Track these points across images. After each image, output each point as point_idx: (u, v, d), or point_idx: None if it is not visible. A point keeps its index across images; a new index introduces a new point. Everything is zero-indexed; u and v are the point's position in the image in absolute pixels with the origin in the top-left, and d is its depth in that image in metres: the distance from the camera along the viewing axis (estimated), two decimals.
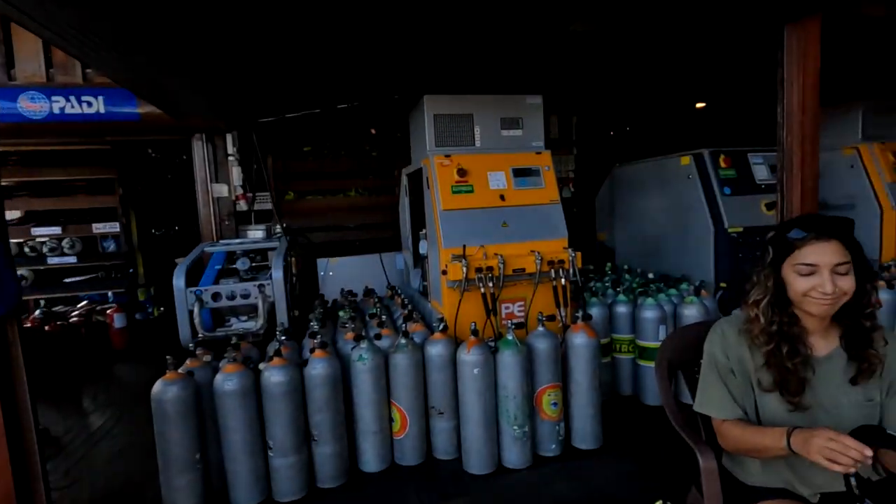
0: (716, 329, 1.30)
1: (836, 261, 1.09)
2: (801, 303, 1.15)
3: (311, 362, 2.27)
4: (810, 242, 1.11)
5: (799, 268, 1.12)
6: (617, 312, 3.07)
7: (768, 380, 1.19)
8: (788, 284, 1.16)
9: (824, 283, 1.09)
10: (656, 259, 3.73)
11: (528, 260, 2.65)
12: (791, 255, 1.14)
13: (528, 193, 2.82)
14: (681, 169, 3.46)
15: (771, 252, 1.18)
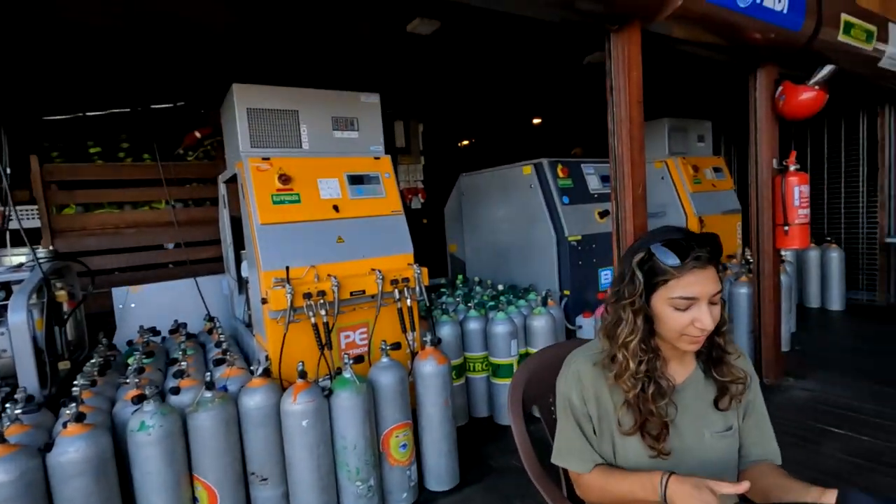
0: (569, 366, 1.08)
1: (715, 290, 0.93)
2: (674, 340, 0.97)
3: (59, 444, 1.60)
4: (690, 271, 0.91)
5: (676, 301, 0.93)
6: (469, 329, 2.88)
7: (629, 422, 1.01)
8: (660, 320, 0.96)
9: (703, 318, 0.92)
10: (505, 269, 3.68)
11: (368, 280, 2.30)
12: (665, 286, 0.94)
13: (367, 203, 2.48)
14: (523, 178, 3.45)
15: (640, 281, 0.96)
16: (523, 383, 1.39)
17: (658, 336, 1.00)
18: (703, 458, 1.01)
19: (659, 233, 0.99)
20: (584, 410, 1.04)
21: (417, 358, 2.23)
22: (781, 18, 2.59)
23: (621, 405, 1.01)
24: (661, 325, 0.97)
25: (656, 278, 0.94)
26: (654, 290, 0.95)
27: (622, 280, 1.00)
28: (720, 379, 1.02)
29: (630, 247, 1.04)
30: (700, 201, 4.17)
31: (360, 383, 1.95)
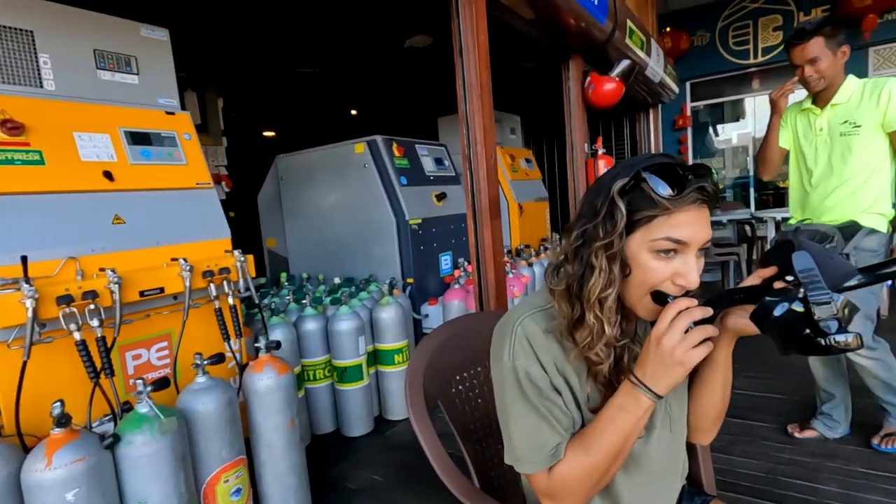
0: (510, 333, 0.78)
1: (708, 237, 0.72)
2: (637, 300, 0.74)
3: None
4: (687, 207, 0.69)
5: (661, 244, 0.70)
6: (306, 331, 2.40)
7: (597, 398, 0.78)
8: (637, 268, 0.72)
9: (688, 272, 0.70)
10: (338, 261, 3.26)
11: (167, 274, 1.66)
12: (648, 225, 0.70)
13: (159, 172, 1.81)
14: (355, 157, 3.10)
15: (623, 214, 0.70)
16: (422, 374, 1.07)
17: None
18: (672, 417, 0.85)
19: (646, 157, 0.74)
20: (547, 383, 0.76)
21: (249, 370, 1.70)
22: (592, 9, 2.81)
23: (586, 377, 0.77)
24: (633, 277, 0.73)
25: (639, 214, 0.70)
26: (632, 230, 0.71)
27: (593, 215, 0.73)
28: None
29: (604, 174, 0.77)
30: (518, 189, 4.41)
31: (167, 417, 1.35)
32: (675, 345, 0.66)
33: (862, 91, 1.88)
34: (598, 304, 0.72)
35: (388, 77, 5.14)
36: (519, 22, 2.63)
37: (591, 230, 0.73)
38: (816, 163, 1.99)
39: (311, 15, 3.30)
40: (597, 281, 0.72)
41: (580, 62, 3.27)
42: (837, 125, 1.92)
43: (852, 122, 1.88)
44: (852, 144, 1.88)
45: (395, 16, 3.42)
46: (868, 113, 1.85)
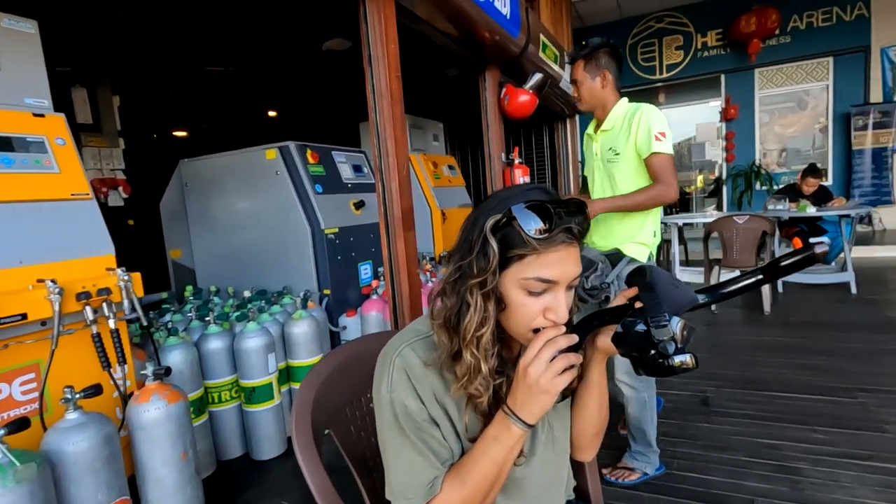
0: (390, 363, 0.76)
1: (577, 272, 0.73)
2: (520, 334, 0.75)
3: None
4: (555, 247, 0.69)
5: (531, 284, 0.70)
6: (209, 350, 2.24)
7: (477, 427, 0.77)
8: (510, 305, 0.72)
9: (557, 306, 0.71)
10: (250, 273, 3.09)
11: (32, 297, 1.47)
12: (521, 263, 0.70)
13: (23, 181, 1.61)
14: (266, 164, 2.95)
15: (494, 252, 0.70)
16: (311, 404, 1.01)
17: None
18: (554, 437, 0.86)
19: (520, 190, 0.74)
20: (425, 415, 0.75)
21: (133, 401, 1.54)
22: (505, 23, 2.88)
23: (465, 407, 0.76)
24: (508, 313, 0.74)
25: (511, 251, 0.70)
26: (506, 266, 0.71)
27: (468, 251, 0.73)
28: None
29: (481, 206, 0.76)
30: (441, 195, 4.43)
31: (23, 464, 1.18)
32: (541, 374, 0.67)
33: (623, 117, 1.85)
34: (474, 341, 0.72)
35: (307, 79, 4.97)
36: (435, 34, 2.63)
37: (467, 266, 0.72)
38: (594, 188, 1.99)
39: (219, 11, 3.11)
40: (472, 318, 0.71)
41: (496, 73, 3.34)
42: (605, 152, 1.91)
43: (614, 149, 1.86)
44: (615, 172, 1.86)
45: (309, 17, 3.31)
46: (624, 140, 1.82)
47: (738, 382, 2.78)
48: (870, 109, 7.03)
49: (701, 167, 9.90)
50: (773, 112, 7.82)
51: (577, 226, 0.70)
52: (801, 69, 7.46)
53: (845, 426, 2.23)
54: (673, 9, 7.86)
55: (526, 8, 3.22)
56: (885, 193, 7.11)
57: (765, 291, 4.09)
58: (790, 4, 7.15)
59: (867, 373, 2.77)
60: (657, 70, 8.15)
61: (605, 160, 1.91)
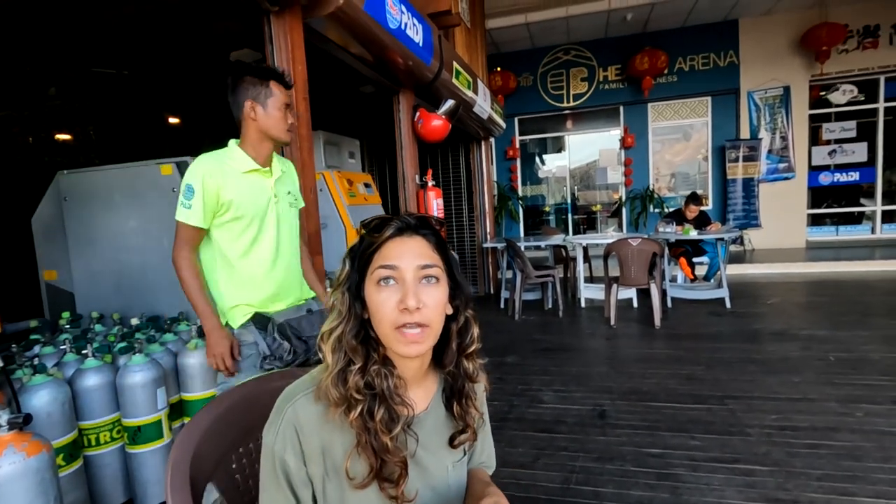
0: (282, 411, 0.76)
1: (422, 262, 0.77)
2: (389, 338, 0.77)
3: None
4: (391, 239, 0.78)
5: (379, 272, 0.76)
6: (85, 388, 2.01)
7: (362, 470, 0.76)
8: (372, 309, 0.78)
9: (406, 296, 0.75)
10: (141, 297, 2.83)
11: None
12: (371, 263, 0.78)
13: None
14: (162, 180, 2.74)
15: (352, 259, 0.80)
16: (190, 455, 0.95)
17: (377, 341, 0.80)
18: (447, 494, 0.87)
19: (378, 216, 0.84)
20: (303, 475, 0.75)
21: None
22: (418, 50, 2.95)
23: (352, 449, 0.76)
24: (373, 317, 0.78)
25: (364, 257, 0.79)
26: (365, 273, 0.79)
27: (341, 280, 0.81)
28: (460, 418, 0.87)
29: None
30: (356, 214, 4.37)
31: None
32: None
33: None
34: (337, 340, 0.78)
35: (214, 87, 4.71)
36: (347, 56, 2.63)
37: (334, 281, 0.83)
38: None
39: (108, 9, 2.85)
40: (335, 320, 0.79)
41: (411, 97, 3.39)
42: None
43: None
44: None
45: (214, 26, 3.15)
46: None
47: (630, 394, 3.02)
48: (740, 144, 8.06)
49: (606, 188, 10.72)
50: (664, 142, 8.70)
51: (411, 220, 0.80)
52: (686, 105, 8.39)
53: (716, 432, 2.50)
54: (578, 43, 8.50)
55: (439, 35, 3.32)
56: (754, 218, 8.15)
57: (655, 306, 4.49)
58: (676, 48, 8.04)
59: (735, 380, 3.13)
60: (565, 98, 8.74)
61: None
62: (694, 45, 8.06)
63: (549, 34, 8.10)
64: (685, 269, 5.66)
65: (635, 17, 7.50)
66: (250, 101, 1.65)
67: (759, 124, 8.13)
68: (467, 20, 4.80)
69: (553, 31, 7.98)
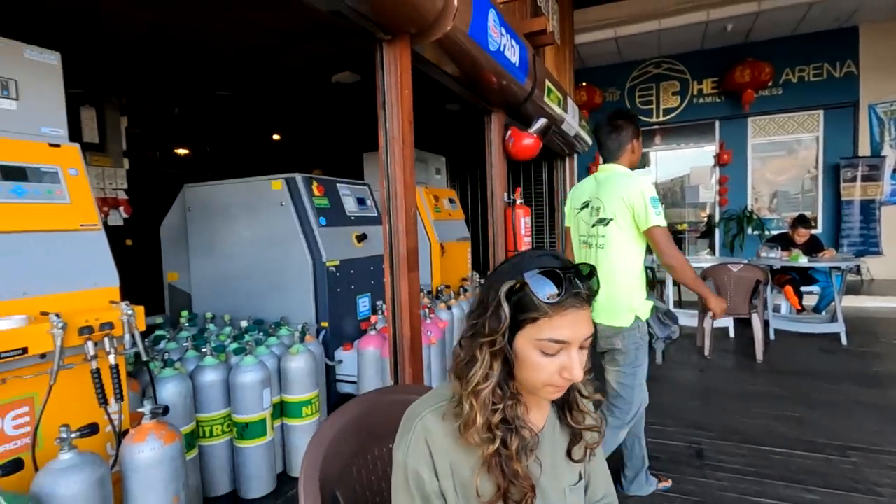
0: (412, 426, 0.80)
1: (589, 333, 0.78)
2: (536, 388, 0.80)
3: None
4: (566, 310, 0.75)
5: (545, 345, 0.76)
6: (203, 383, 2.21)
7: (490, 489, 0.78)
8: (522, 364, 0.78)
9: (572, 366, 0.76)
10: (248, 301, 3.07)
11: (34, 331, 1.45)
12: (534, 325, 0.76)
13: (33, 211, 1.61)
14: (272, 194, 2.97)
15: (506, 315, 0.76)
16: (320, 461, 1.01)
17: (516, 380, 0.81)
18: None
19: (532, 257, 0.81)
20: (435, 487, 0.78)
21: (128, 440, 1.52)
22: (514, 70, 2.97)
23: (480, 467, 0.78)
24: (522, 370, 0.79)
25: (525, 314, 0.76)
26: (521, 327, 0.77)
27: (483, 311, 0.80)
28: (575, 426, 0.89)
29: (496, 269, 0.84)
30: (441, 229, 4.46)
31: None
32: None
33: None
34: (473, 393, 0.77)
35: (313, 108, 5.05)
36: (443, 76, 2.70)
37: (480, 325, 0.79)
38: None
39: (230, 42, 3.17)
40: (476, 372, 0.77)
41: (502, 116, 3.42)
42: None
43: None
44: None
45: (320, 51, 3.39)
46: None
47: (731, 434, 2.78)
48: (858, 162, 7.25)
49: (694, 206, 10.09)
50: (764, 159, 8.04)
51: (585, 290, 0.76)
52: (793, 120, 7.71)
53: (838, 487, 2.23)
54: (670, 56, 8.14)
55: (533, 55, 3.33)
56: (874, 244, 7.27)
57: (757, 338, 4.12)
58: (782, 59, 7.44)
59: (857, 429, 2.79)
60: (654, 113, 8.38)
61: None
62: (804, 54, 7.42)
63: (639, 48, 7.83)
64: (791, 299, 5.15)
65: (736, 27, 7.05)
66: (636, 140, 2.09)
67: (882, 140, 7.28)
68: (557, 37, 4.77)
69: (643, 45, 7.72)
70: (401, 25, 2.05)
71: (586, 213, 2.11)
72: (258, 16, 2.71)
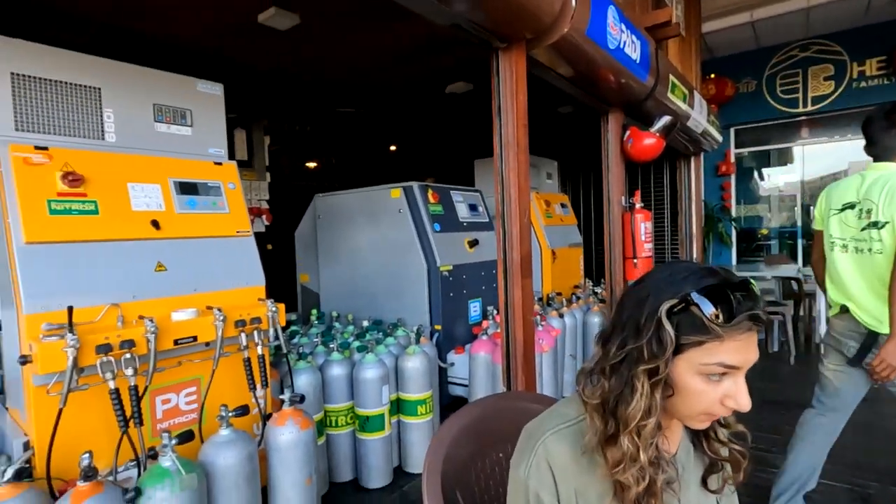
0: (532, 446, 0.77)
1: (756, 357, 0.70)
2: (688, 418, 0.73)
3: None
4: (742, 332, 0.67)
5: (712, 369, 0.68)
6: (331, 377, 2.41)
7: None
8: (682, 391, 0.71)
9: (739, 394, 0.68)
10: (369, 302, 3.28)
11: (202, 323, 1.71)
12: (699, 349, 0.68)
13: (202, 220, 1.89)
14: (391, 202, 3.15)
15: (671, 339, 0.68)
16: (442, 458, 1.04)
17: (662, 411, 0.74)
18: None
19: (689, 271, 0.72)
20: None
21: (272, 423, 1.70)
22: (634, 67, 2.81)
23: (611, 497, 0.73)
24: (677, 398, 0.71)
25: (689, 337, 0.68)
26: (681, 351, 0.69)
27: (636, 333, 0.71)
28: (713, 456, 0.81)
29: (641, 285, 0.76)
30: (552, 234, 4.37)
31: (188, 474, 1.36)
32: None
33: None
34: (636, 431, 0.70)
35: (427, 118, 5.27)
36: (557, 79, 2.65)
37: (635, 350, 0.71)
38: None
39: (352, 66, 3.44)
40: (637, 405, 0.70)
41: (620, 116, 3.25)
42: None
43: None
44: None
45: (434, 65, 3.52)
46: None
47: None
48: None
49: None
50: None
51: (759, 309, 0.68)
52: None
53: None
54: (822, 36, 7.09)
55: (656, 49, 3.12)
56: None
57: None
58: None
59: None
60: (800, 102, 7.36)
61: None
62: None
63: (781, 30, 6.94)
64: None
65: None
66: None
67: None
68: (682, 28, 4.42)
69: (787, 26, 6.82)
70: (517, 32, 2.06)
71: (851, 215, 1.90)
72: (380, 40, 2.91)
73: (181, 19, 2.50)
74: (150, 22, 2.52)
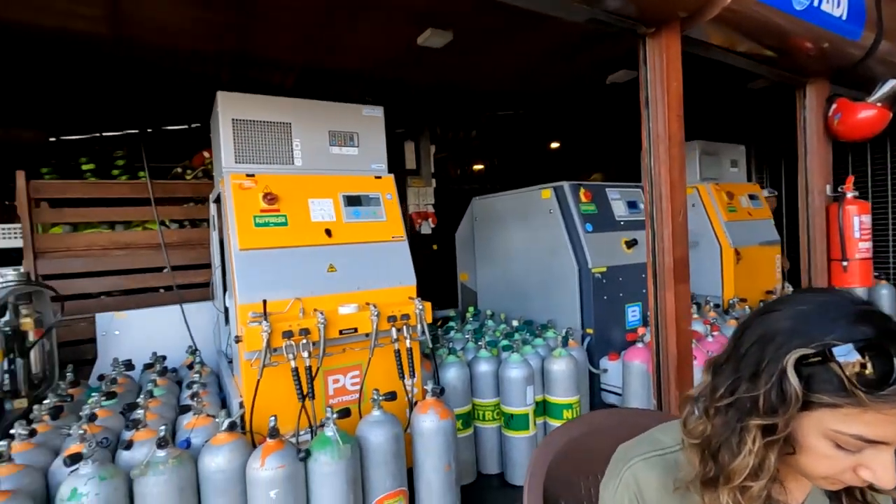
0: (619, 472, 0.74)
1: None
2: (811, 479, 0.63)
3: None
4: (890, 404, 0.53)
5: (846, 440, 0.56)
6: (478, 372, 2.53)
7: None
8: (804, 451, 0.59)
9: (880, 470, 0.55)
10: (520, 302, 3.34)
11: (361, 316, 1.98)
12: (834, 412, 0.55)
13: (364, 228, 2.18)
14: (542, 203, 3.14)
15: (797, 396, 0.56)
16: (544, 470, 1.05)
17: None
18: None
19: (841, 316, 0.57)
20: None
21: (416, 410, 1.89)
22: (839, 26, 2.29)
23: None
24: (801, 459, 0.60)
25: (820, 396, 0.56)
26: (809, 408, 0.57)
27: (752, 377, 0.60)
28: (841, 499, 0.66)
29: (769, 313, 0.63)
30: (735, 231, 3.80)
31: (344, 444, 1.61)
32: None
33: None
34: (740, 489, 0.61)
35: (589, 112, 5.06)
36: (733, 57, 2.32)
37: (747, 397, 0.60)
38: None
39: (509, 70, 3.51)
40: (744, 461, 0.60)
41: (823, 87, 2.67)
42: None
43: None
44: None
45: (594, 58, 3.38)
46: None
47: None
48: None
49: None
50: None
51: None
52: None
53: None
54: None
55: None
56: None
57: None
58: None
59: None
60: None
61: None
62: None
63: None
64: None
65: None
66: None
67: None
68: None
69: None
70: (669, 13, 1.87)
71: None
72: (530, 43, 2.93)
73: (360, 53, 2.90)
74: (340, 56, 2.96)
